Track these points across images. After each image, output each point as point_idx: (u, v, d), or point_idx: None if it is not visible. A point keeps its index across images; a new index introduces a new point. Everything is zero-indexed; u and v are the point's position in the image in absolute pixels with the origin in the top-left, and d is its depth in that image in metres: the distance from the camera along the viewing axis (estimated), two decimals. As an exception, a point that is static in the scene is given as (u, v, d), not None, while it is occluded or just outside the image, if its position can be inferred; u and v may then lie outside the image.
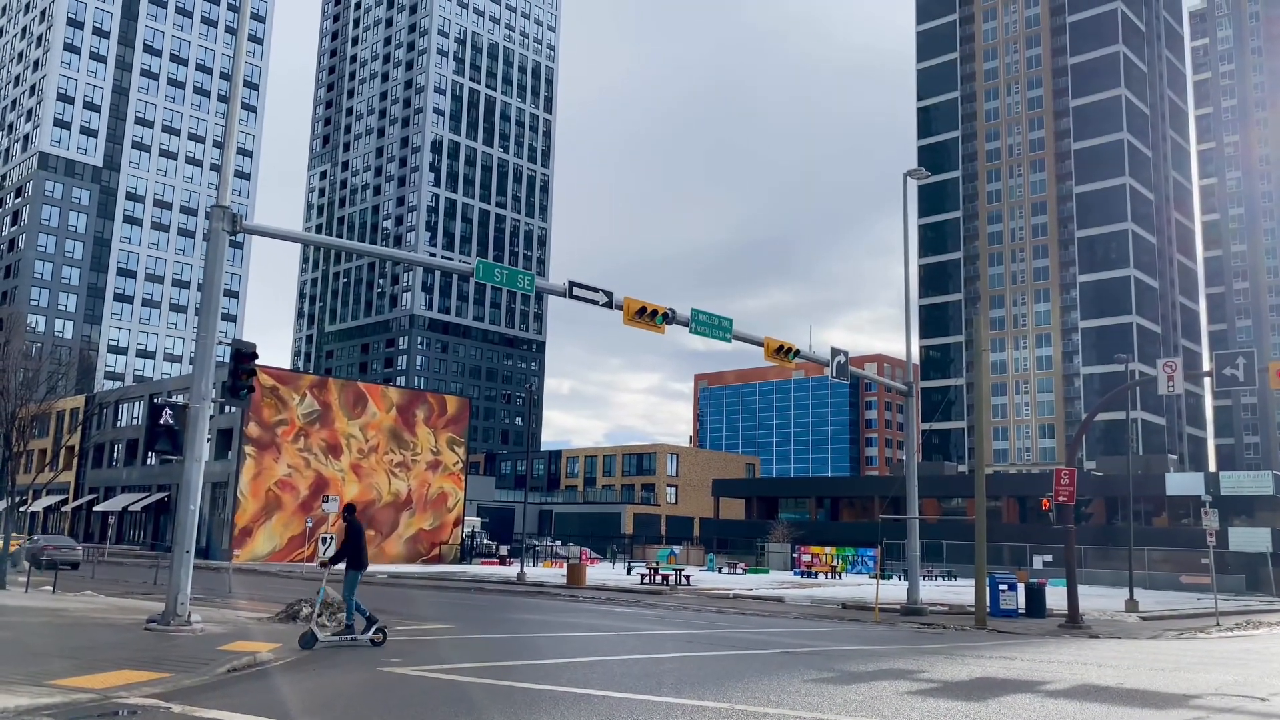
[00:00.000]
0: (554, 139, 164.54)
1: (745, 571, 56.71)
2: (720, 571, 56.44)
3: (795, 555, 60.20)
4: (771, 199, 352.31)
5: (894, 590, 37.86)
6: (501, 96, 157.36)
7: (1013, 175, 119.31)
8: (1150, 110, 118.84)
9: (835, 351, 28.36)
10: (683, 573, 40.77)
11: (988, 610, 25.92)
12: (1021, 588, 29.38)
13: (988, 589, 26.45)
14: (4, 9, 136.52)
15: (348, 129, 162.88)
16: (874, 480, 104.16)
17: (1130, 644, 21.83)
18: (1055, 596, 31.45)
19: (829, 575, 54.47)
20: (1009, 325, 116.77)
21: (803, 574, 55.19)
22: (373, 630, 15.22)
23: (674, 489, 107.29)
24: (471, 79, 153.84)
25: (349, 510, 16.20)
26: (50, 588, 24.26)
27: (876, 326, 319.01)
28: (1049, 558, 54.32)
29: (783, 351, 26.29)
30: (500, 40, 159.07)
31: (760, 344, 26.03)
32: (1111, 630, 25.00)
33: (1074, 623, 25.08)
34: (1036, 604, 28.53)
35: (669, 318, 23.17)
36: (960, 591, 40.00)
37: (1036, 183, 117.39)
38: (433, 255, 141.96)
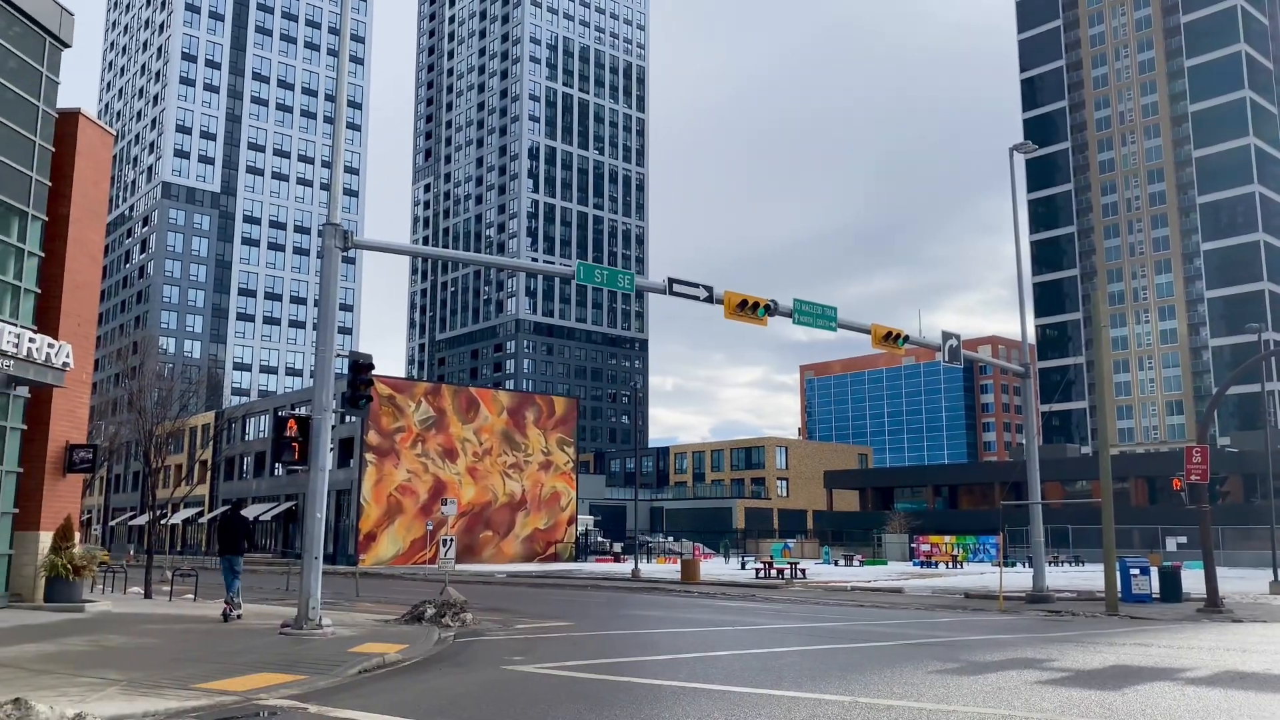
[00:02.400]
0: (648, 137, 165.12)
1: (862, 563, 55.88)
2: (836, 564, 55.77)
3: (913, 545, 59.02)
4: (871, 184, 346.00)
5: (1018, 578, 36.76)
6: (594, 99, 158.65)
7: (1126, 143, 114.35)
8: (1274, 64, 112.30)
9: (946, 335, 27.69)
10: (798, 566, 40.44)
11: (1119, 596, 24.96)
12: (1155, 571, 28.18)
13: (1118, 573, 25.47)
14: (125, 49, 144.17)
15: (448, 141, 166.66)
16: (993, 466, 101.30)
17: (1277, 628, 20.72)
18: (1192, 580, 30.07)
19: (949, 565, 53.23)
20: (1129, 299, 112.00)
21: (922, 564, 54.07)
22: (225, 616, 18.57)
23: (784, 482, 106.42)
24: (564, 83, 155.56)
25: (230, 509, 20.85)
26: (191, 595, 25.53)
27: (988, 308, 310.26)
28: (1183, 539, 51.99)
29: (891, 338, 25.78)
30: (591, 43, 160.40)
31: (867, 331, 25.58)
32: (1255, 614, 23.76)
33: (1214, 606, 23.94)
34: (1172, 588, 27.33)
35: (771, 309, 22.96)
36: (1089, 577, 38.62)
37: (1152, 149, 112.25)
38: (534, 260, 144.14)
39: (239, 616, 18.60)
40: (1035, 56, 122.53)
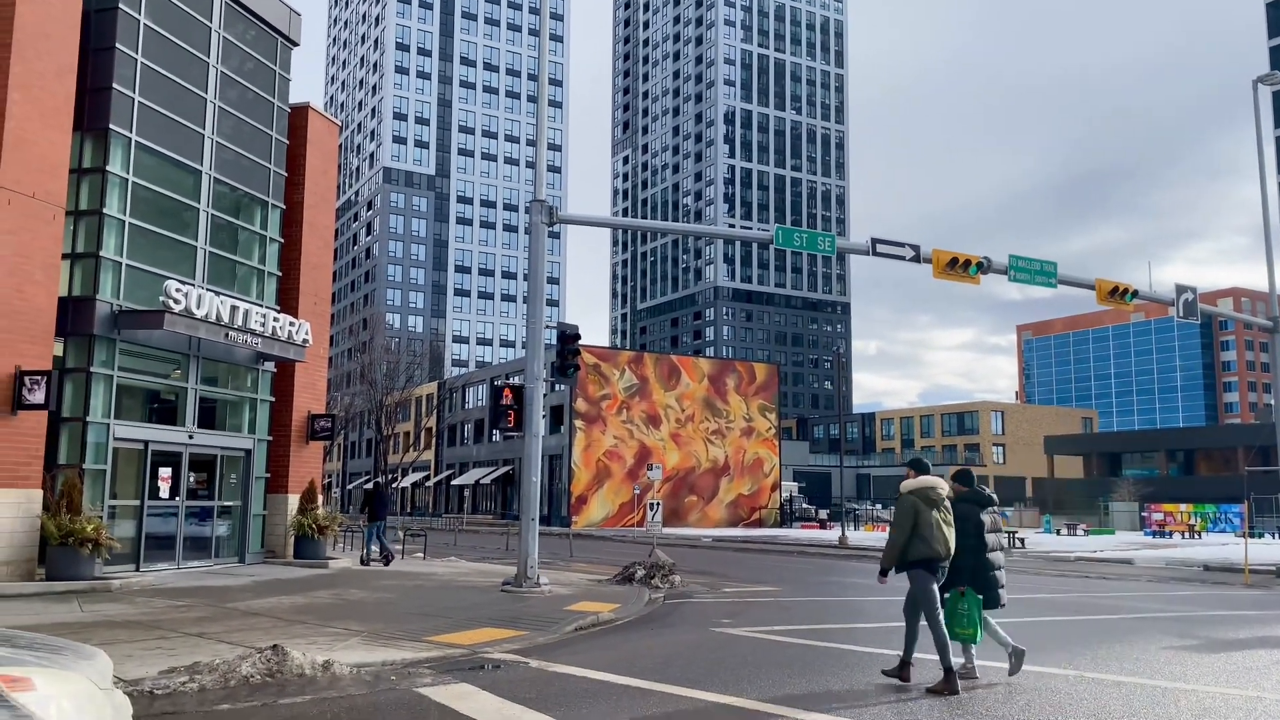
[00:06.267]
0: (847, 94, 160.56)
1: (1087, 533, 52.89)
2: (1058, 533, 53.06)
3: (1144, 514, 55.31)
4: (1088, 131, 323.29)
5: (1266, 549, 33.79)
6: (790, 58, 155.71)
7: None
8: None
9: (1180, 288, 25.60)
10: (1016, 535, 38.77)
11: (1391, 573, 22.47)
12: None
13: (1389, 548, 22.92)
14: (345, 42, 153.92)
15: (645, 112, 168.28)
16: (1236, 429, 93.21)
17: None
18: None
19: (1185, 535, 49.56)
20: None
21: (1154, 534, 50.60)
22: (384, 562, 22.91)
23: (1000, 448, 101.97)
24: (760, 45, 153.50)
25: (374, 485, 25.44)
26: (421, 554, 27.31)
27: (1225, 258, 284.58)
28: None
29: (1117, 293, 24.06)
30: (786, 0, 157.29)
31: (1091, 287, 23.96)
32: None
33: None
34: None
35: (984, 267, 21.90)
36: (1353, 552, 34.93)
37: None
38: (732, 226, 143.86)
39: (387, 564, 22.74)
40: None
